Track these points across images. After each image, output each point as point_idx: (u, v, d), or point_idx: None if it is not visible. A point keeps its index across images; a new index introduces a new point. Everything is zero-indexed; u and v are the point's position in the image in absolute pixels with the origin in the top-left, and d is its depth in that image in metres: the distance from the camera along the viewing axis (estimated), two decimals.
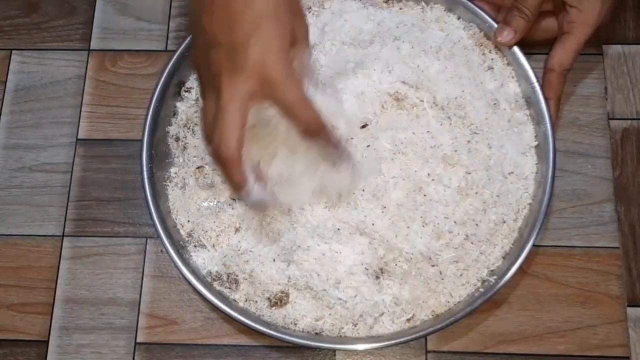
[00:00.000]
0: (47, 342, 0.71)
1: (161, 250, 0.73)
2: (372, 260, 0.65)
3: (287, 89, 0.55)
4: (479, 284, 0.67)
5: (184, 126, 0.73)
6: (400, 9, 0.75)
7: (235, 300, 0.67)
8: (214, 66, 0.55)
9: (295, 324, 0.66)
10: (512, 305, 0.71)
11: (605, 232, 0.73)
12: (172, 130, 0.74)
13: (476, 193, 0.67)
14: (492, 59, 0.72)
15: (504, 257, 0.67)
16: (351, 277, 0.65)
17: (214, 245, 0.69)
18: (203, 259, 0.69)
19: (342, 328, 0.66)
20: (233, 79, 0.55)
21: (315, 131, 0.58)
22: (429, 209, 0.66)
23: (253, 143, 0.58)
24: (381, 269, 0.66)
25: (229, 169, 0.57)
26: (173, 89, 0.73)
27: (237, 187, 0.58)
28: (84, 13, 0.83)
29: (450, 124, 0.68)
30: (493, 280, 0.66)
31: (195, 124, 0.73)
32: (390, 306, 0.66)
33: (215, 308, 0.66)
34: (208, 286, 0.66)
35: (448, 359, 0.70)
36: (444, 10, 0.74)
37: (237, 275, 0.67)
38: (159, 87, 0.72)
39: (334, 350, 0.70)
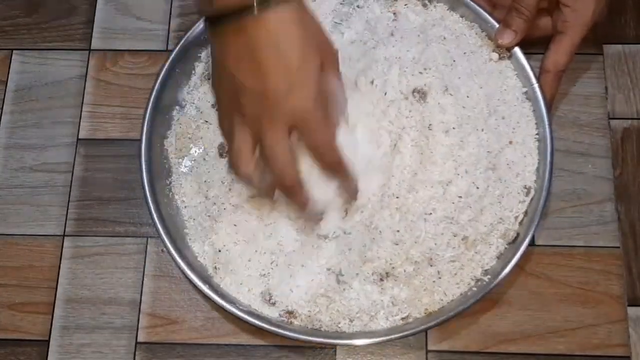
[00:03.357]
0: (48, 341, 0.71)
1: (162, 250, 0.73)
2: (380, 264, 0.65)
3: (317, 134, 0.60)
4: (472, 283, 0.67)
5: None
6: (406, 5, 0.75)
7: (237, 300, 0.68)
8: (249, 110, 0.58)
9: (295, 318, 0.67)
10: (513, 305, 0.71)
11: (606, 231, 0.73)
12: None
13: (474, 192, 0.67)
14: (494, 60, 0.72)
15: (498, 257, 0.67)
16: (356, 280, 0.66)
17: (214, 244, 0.69)
18: (204, 258, 0.69)
19: (339, 323, 0.66)
20: (273, 124, 0.58)
21: (337, 171, 0.62)
22: (430, 209, 0.66)
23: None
24: (387, 273, 0.66)
25: (297, 195, 0.62)
26: (172, 86, 0.73)
27: (303, 206, 0.63)
28: (85, 13, 0.83)
29: (450, 123, 0.68)
30: (487, 280, 0.66)
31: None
32: (388, 306, 0.66)
33: (216, 307, 0.66)
34: (210, 285, 0.66)
35: (448, 358, 0.70)
36: (447, 10, 0.74)
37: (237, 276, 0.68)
38: (157, 84, 0.71)
39: (334, 348, 0.70)
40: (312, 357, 0.70)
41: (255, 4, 0.55)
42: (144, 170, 0.69)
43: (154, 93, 0.71)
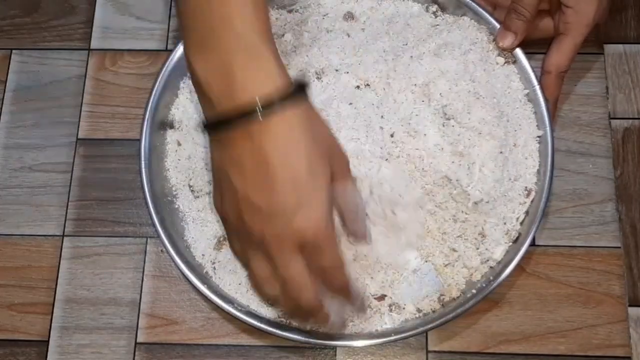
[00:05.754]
0: (48, 342, 0.71)
1: (161, 250, 0.73)
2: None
3: (326, 256, 0.55)
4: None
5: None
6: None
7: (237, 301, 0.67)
8: (255, 228, 0.54)
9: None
10: (513, 305, 0.71)
11: (607, 231, 0.73)
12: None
13: (477, 194, 0.67)
14: (495, 61, 0.72)
15: (500, 259, 0.67)
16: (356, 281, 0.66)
17: (213, 244, 0.69)
18: (203, 258, 0.69)
19: None
20: (282, 245, 0.53)
21: (344, 294, 0.59)
22: (434, 212, 0.66)
23: None
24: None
25: (314, 315, 0.58)
26: (171, 87, 0.73)
27: (325, 323, 0.59)
28: (84, 12, 0.83)
29: (454, 125, 0.68)
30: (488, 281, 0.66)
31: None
32: (391, 307, 0.66)
33: (216, 308, 0.66)
34: (209, 286, 0.66)
35: (449, 359, 0.70)
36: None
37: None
38: (157, 84, 0.71)
39: (334, 348, 0.70)
40: (312, 358, 0.70)
41: (259, 109, 0.51)
42: (143, 170, 0.69)
43: (154, 92, 0.71)
